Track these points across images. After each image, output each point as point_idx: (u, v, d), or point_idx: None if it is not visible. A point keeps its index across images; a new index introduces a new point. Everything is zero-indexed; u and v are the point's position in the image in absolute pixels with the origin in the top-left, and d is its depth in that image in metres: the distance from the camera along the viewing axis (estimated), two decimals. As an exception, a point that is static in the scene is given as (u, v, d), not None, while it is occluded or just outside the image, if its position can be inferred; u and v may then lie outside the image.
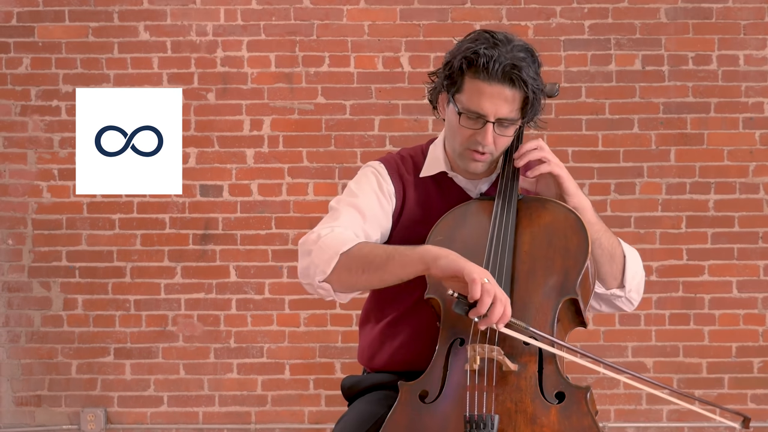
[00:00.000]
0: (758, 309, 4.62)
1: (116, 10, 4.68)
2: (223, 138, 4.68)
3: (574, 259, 2.19)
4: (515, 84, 2.21)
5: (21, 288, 4.68)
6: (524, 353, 2.11)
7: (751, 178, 4.63)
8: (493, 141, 2.26)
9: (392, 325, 2.39)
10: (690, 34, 4.63)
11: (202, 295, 4.67)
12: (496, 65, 2.19)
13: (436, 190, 2.40)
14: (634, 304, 2.45)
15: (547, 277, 2.19)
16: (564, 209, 2.27)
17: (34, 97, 4.68)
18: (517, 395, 2.07)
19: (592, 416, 2.05)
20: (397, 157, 2.46)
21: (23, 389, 4.70)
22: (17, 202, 4.69)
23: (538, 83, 2.24)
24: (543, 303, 2.16)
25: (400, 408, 2.13)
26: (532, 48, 2.26)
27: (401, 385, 2.16)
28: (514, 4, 4.63)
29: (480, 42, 2.23)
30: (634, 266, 2.40)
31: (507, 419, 2.05)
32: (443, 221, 2.30)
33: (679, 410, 4.61)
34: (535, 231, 2.25)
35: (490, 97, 2.22)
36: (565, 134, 4.63)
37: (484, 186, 2.40)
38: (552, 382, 2.09)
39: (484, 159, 2.30)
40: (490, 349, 2.07)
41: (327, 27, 4.67)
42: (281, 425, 4.68)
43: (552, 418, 2.05)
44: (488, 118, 2.23)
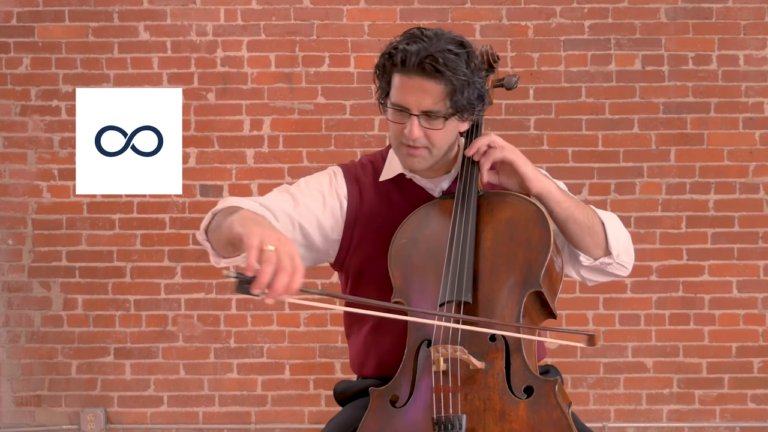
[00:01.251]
0: (758, 309, 4.62)
1: (116, 10, 4.68)
2: (223, 138, 4.68)
3: (537, 251, 2.18)
4: (432, 75, 2.18)
5: (21, 288, 4.68)
6: (490, 350, 2.10)
7: (751, 178, 4.63)
8: (423, 134, 2.23)
9: (374, 333, 2.39)
10: (690, 34, 4.63)
11: (202, 295, 4.68)
12: (413, 58, 2.18)
13: (397, 193, 2.39)
14: (628, 267, 2.41)
15: (510, 273, 2.18)
16: (524, 202, 2.26)
17: (34, 97, 4.68)
18: (485, 393, 2.06)
19: (561, 408, 2.04)
20: (357, 163, 2.46)
21: (23, 389, 4.69)
22: (17, 202, 4.69)
23: (463, 74, 2.20)
24: (507, 298, 2.15)
25: (371, 415, 2.13)
26: (464, 41, 2.25)
27: (372, 391, 2.16)
28: (514, 4, 4.63)
29: (404, 39, 2.24)
30: (616, 230, 2.36)
31: (476, 418, 2.04)
32: (406, 223, 2.30)
33: (679, 410, 4.62)
34: (496, 226, 2.24)
35: (410, 90, 2.21)
36: (565, 134, 4.63)
37: (445, 184, 2.39)
38: (520, 377, 2.08)
39: (419, 154, 2.27)
40: (453, 349, 2.06)
41: (327, 27, 4.67)
42: (281, 425, 4.68)
43: (521, 413, 2.04)
44: (411, 111, 2.22)
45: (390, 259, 2.26)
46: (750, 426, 4.61)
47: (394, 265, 2.25)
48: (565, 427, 2.02)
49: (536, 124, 4.64)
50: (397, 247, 2.26)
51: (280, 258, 1.83)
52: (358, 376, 2.50)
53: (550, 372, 2.36)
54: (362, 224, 2.38)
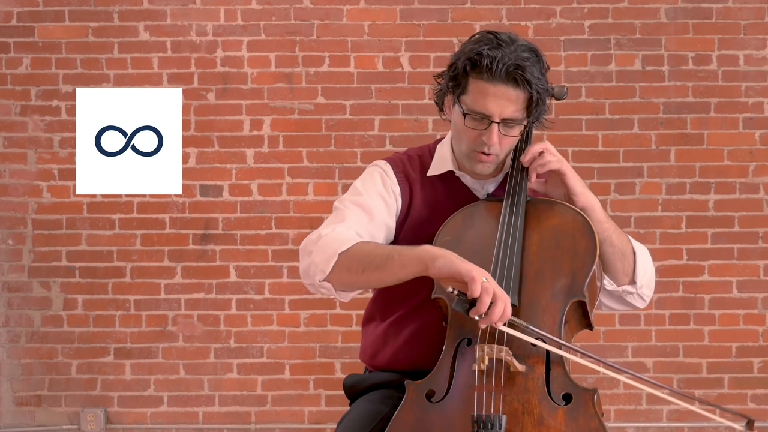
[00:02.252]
0: (758, 309, 4.62)
1: (116, 10, 4.68)
2: (223, 138, 4.68)
3: (582, 261, 2.20)
4: (519, 84, 2.21)
5: (21, 288, 4.68)
6: (532, 354, 2.11)
7: (751, 178, 4.63)
8: (498, 141, 2.26)
9: (397, 324, 2.39)
10: (690, 34, 4.63)
11: (202, 295, 4.68)
12: (500, 66, 2.19)
13: (443, 190, 2.40)
14: (646, 300, 2.44)
15: (555, 279, 2.19)
16: (572, 211, 2.28)
17: (34, 97, 4.68)
18: (524, 396, 2.07)
19: (599, 418, 2.06)
20: (404, 156, 2.46)
21: (23, 389, 4.70)
22: (17, 202, 4.69)
23: (543, 83, 2.25)
24: (551, 304, 2.16)
25: (407, 407, 2.13)
26: (536, 48, 2.27)
27: (408, 384, 2.16)
28: (514, 4, 4.63)
29: (483, 43, 2.23)
30: (645, 262, 2.39)
31: (514, 420, 2.05)
32: (451, 221, 2.30)
33: (679, 410, 4.61)
34: (543, 232, 2.25)
35: (494, 98, 2.22)
36: (565, 134, 4.63)
37: (491, 186, 2.40)
38: (559, 384, 2.09)
39: (490, 160, 2.30)
40: (498, 350, 2.08)
41: (327, 27, 4.67)
42: (281, 425, 4.68)
43: (559, 420, 2.05)
44: (493, 119, 2.24)
45: None
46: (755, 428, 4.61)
47: None
48: None
49: (536, 124, 4.64)
50: (440, 244, 2.25)
51: (496, 289, 2.01)
52: (366, 368, 2.49)
53: None
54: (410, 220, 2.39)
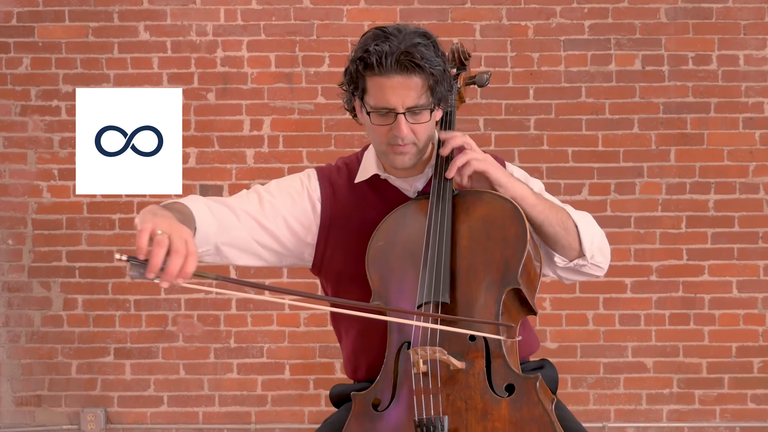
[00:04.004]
0: (758, 309, 4.62)
1: (116, 10, 4.68)
2: (223, 138, 4.68)
3: (514, 248, 2.16)
4: (412, 71, 2.20)
5: (21, 288, 4.68)
6: (470, 350, 2.09)
7: (751, 178, 4.63)
8: (410, 131, 2.25)
9: (361, 337, 2.39)
10: (690, 34, 4.63)
11: (202, 295, 4.68)
12: (389, 58, 2.19)
13: (372, 194, 2.39)
14: (603, 267, 2.38)
15: (487, 271, 2.16)
16: (500, 199, 2.24)
17: (34, 97, 4.68)
18: (466, 393, 2.06)
19: (542, 405, 2.03)
20: (333, 166, 2.46)
21: (23, 389, 4.70)
22: (17, 202, 4.69)
23: (437, 63, 2.22)
24: (486, 297, 2.14)
25: (354, 420, 2.13)
26: (426, 32, 2.26)
27: (354, 396, 2.16)
28: (514, 4, 4.63)
29: (371, 39, 2.24)
30: (590, 231, 2.33)
31: (458, 418, 2.04)
32: (383, 225, 2.29)
33: (679, 410, 4.62)
34: (472, 225, 2.22)
35: (392, 90, 2.21)
36: (565, 134, 4.63)
37: (419, 184, 2.38)
38: (501, 376, 2.07)
39: (407, 150, 2.28)
40: (432, 351, 2.06)
41: (327, 27, 4.67)
42: (281, 425, 4.68)
43: (503, 412, 2.03)
44: (397, 110, 2.23)
45: (368, 262, 2.25)
46: (750, 426, 4.61)
47: (371, 268, 2.24)
48: (547, 423, 2.01)
49: (536, 124, 4.64)
50: (374, 250, 2.25)
51: (173, 241, 1.82)
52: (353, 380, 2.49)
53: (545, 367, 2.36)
54: (337, 227, 2.37)
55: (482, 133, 4.62)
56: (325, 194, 2.39)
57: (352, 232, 2.34)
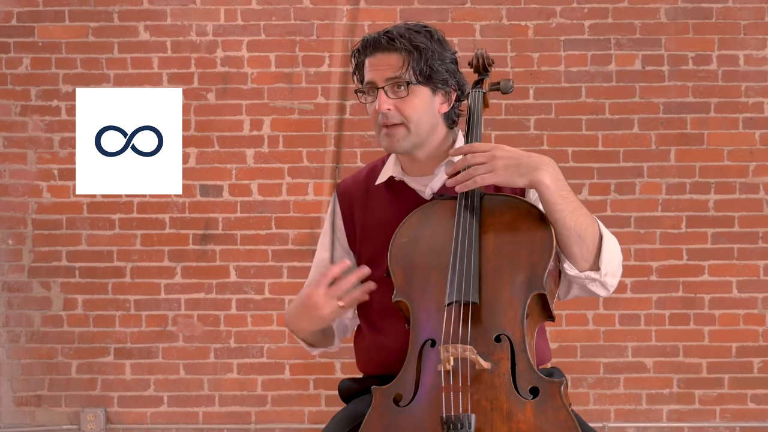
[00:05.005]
0: (758, 309, 4.62)
1: (116, 10, 4.68)
2: (223, 138, 4.68)
3: (540, 254, 2.18)
4: (390, 47, 2.31)
5: (21, 288, 4.68)
6: (496, 351, 2.10)
7: (751, 178, 4.63)
8: (393, 106, 2.31)
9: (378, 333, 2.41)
10: (690, 34, 4.63)
11: (202, 295, 4.68)
12: (371, 40, 2.34)
13: (388, 196, 2.42)
14: (610, 290, 2.34)
15: (514, 275, 2.17)
16: (526, 205, 2.26)
17: (34, 97, 4.68)
18: (491, 393, 2.07)
19: (566, 409, 2.04)
20: (357, 175, 2.54)
21: (23, 389, 4.69)
22: (17, 202, 4.69)
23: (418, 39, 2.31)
24: (512, 300, 2.15)
25: (374, 413, 2.13)
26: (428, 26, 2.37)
27: (374, 389, 2.16)
28: (514, 4, 4.63)
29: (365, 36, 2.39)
30: (611, 250, 2.29)
31: (483, 418, 2.04)
32: (407, 223, 2.30)
33: (679, 410, 4.62)
34: (499, 228, 2.24)
35: (373, 67, 2.34)
36: (565, 134, 4.63)
37: (435, 184, 2.39)
38: (526, 378, 2.08)
39: (396, 132, 2.32)
40: (462, 349, 2.07)
41: (327, 27, 4.67)
42: (281, 425, 4.68)
43: (528, 414, 2.04)
44: (377, 84, 2.32)
45: (390, 258, 2.26)
46: (750, 426, 4.61)
47: (395, 264, 2.25)
48: (572, 427, 2.03)
49: (536, 124, 4.64)
50: (397, 246, 2.26)
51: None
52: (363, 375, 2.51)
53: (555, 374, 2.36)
54: (360, 235, 2.43)
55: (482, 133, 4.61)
56: (345, 212, 2.47)
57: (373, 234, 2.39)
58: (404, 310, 2.22)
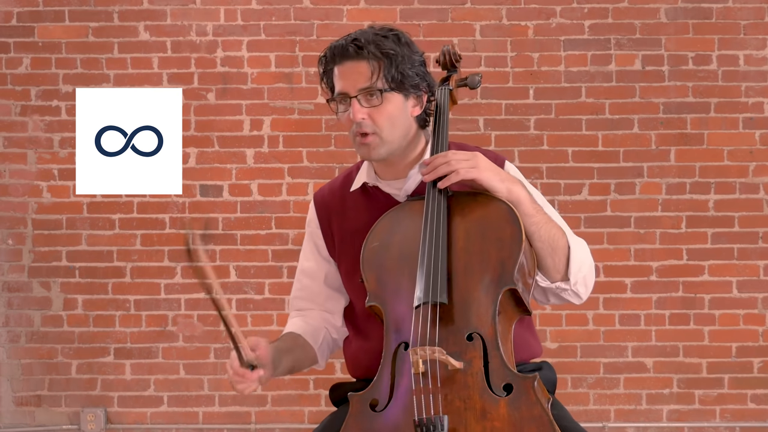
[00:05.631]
0: (758, 309, 4.62)
1: (116, 10, 4.68)
2: (223, 138, 4.68)
3: (509, 249, 2.16)
4: (358, 54, 2.26)
5: (21, 288, 4.68)
6: (468, 349, 2.09)
7: (751, 178, 4.63)
8: (366, 115, 2.27)
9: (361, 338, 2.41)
10: (690, 34, 4.63)
11: (202, 295, 4.67)
12: (338, 48, 2.28)
13: (364, 202, 2.41)
14: (582, 297, 2.34)
15: (484, 271, 2.16)
16: (495, 201, 2.22)
17: (34, 97, 4.68)
18: (465, 393, 2.06)
19: (541, 404, 2.03)
20: (333, 183, 2.51)
21: (23, 389, 4.70)
22: (17, 202, 4.69)
23: (387, 45, 2.27)
24: (483, 297, 2.14)
25: (351, 419, 2.13)
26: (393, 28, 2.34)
27: (351, 396, 2.16)
28: (514, 4, 4.63)
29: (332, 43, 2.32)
30: (581, 258, 2.30)
31: (457, 418, 2.04)
32: (378, 226, 2.29)
33: (679, 410, 4.62)
34: (468, 226, 2.22)
35: (344, 75, 2.28)
36: (565, 134, 4.63)
37: (408, 187, 2.37)
38: (499, 375, 2.07)
39: (369, 141, 2.29)
40: (431, 351, 2.06)
41: (327, 27, 4.67)
42: (281, 425, 4.68)
43: (502, 411, 2.03)
44: (350, 94, 2.27)
45: (363, 264, 2.25)
46: (750, 426, 4.61)
47: (367, 269, 2.24)
48: (546, 423, 2.01)
49: (536, 124, 4.64)
50: (368, 252, 2.25)
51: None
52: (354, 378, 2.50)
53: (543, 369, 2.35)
54: (339, 243, 2.42)
55: (482, 133, 4.62)
56: (322, 220, 2.46)
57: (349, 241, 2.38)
58: (378, 314, 2.22)
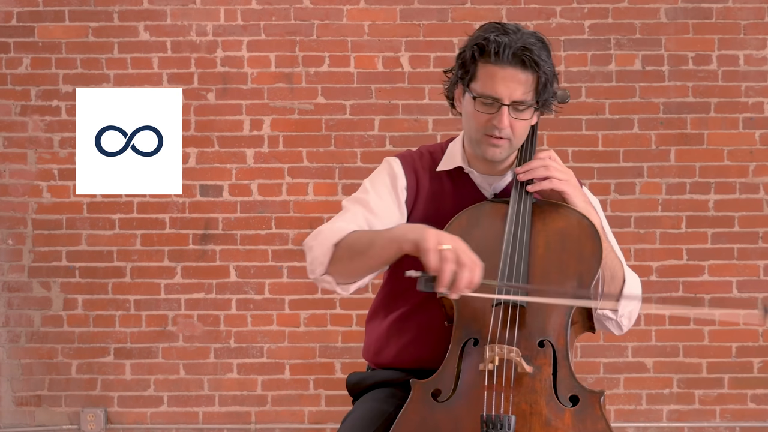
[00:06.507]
0: (758, 309, 4.61)
1: (116, 10, 4.68)
2: (223, 138, 4.68)
3: (588, 264, 2.20)
4: (527, 66, 2.24)
5: (21, 288, 4.68)
6: (539, 355, 2.12)
7: (751, 178, 4.63)
8: (509, 124, 2.27)
9: (401, 321, 2.40)
10: (690, 34, 4.63)
11: (202, 295, 4.68)
12: (507, 49, 2.22)
13: (450, 186, 2.41)
14: (623, 330, 2.41)
15: (562, 281, 2.20)
16: (577, 215, 2.27)
17: (34, 97, 4.68)
18: (532, 397, 2.08)
19: (605, 420, 2.06)
20: (416, 153, 2.47)
21: (23, 389, 4.70)
22: (17, 202, 4.69)
23: (550, 65, 2.27)
24: (558, 307, 2.16)
25: (412, 406, 2.13)
26: (542, 36, 2.30)
27: (413, 382, 2.16)
28: (514, 4, 4.63)
29: (490, 30, 2.27)
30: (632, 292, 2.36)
31: (522, 421, 2.05)
32: (456, 221, 2.30)
33: (679, 410, 4.62)
34: (549, 235, 2.26)
35: (503, 81, 2.25)
36: (565, 134, 4.63)
37: (499, 184, 2.40)
38: (566, 386, 2.10)
39: (501, 144, 2.30)
40: (508, 350, 2.08)
41: (327, 27, 4.67)
42: (281, 425, 4.68)
43: (566, 421, 2.05)
44: (503, 101, 2.26)
45: None
46: (750, 426, 4.61)
47: None
48: None
49: (536, 124, 4.64)
50: None
51: (459, 255, 1.97)
52: (368, 366, 2.49)
53: None
54: (416, 214, 2.40)
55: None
56: (410, 184, 2.41)
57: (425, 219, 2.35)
58: (447, 307, 2.22)
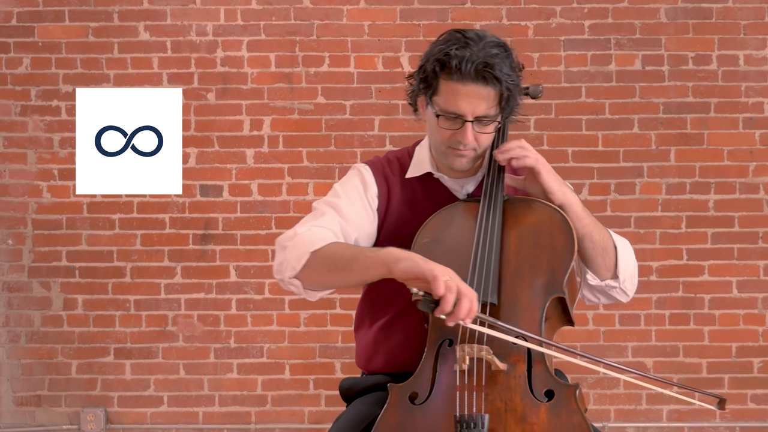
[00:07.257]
0: (758, 309, 4.62)
1: (116, 10, 4.68)
2: (223, 138, 4.68)
3: (561, 257, 2.20)
4: (489, 82, 2.22)
5: (21, 288, 4.68)
6: (513, 352, 2.12)
7: (751, 178, 4.63)
8: (474, 139, 2.27)
9: (386, 328, 2.41)
10: (690, 34, 4.63)
11: (202, 295, 4.68)
12: (469, 65, 2.20)
13: (422, 191, 2.41)
14: (629, 295, 2.46)
15: (534, 277, 2.20)
16: (549, 209, 2.28)
17: (34, 97, 4.68)
18: (506, 394, 2.08)
19: (581, 413, 2.06)
20: (384, 159, 2.47)
21: (23, 389, 4.70)
22: (17, 202, 4.69)
23: (513, 78, 2.26)
24: (531, 302, 2.17)
25: (390, 410, 2.14)
26: (505, 44, 2.27)
27: (391, 387, 2.17)
28: (514, 4, 4.63)
29: (451, 43, 2.23)
30: (626, 256, 2.41)
31: (497, 418, 2.06)
32: (430, 223, 2.31)
33: (679, 410, 4.62)
34: (521, 231, 2.26)
35: (465, 97, 2.23)
36: (565, 134, 4.63)
37: (470, 186, 2.41)
38: (541, 381, 2.10)
39: (467, 154, 2.31)
40: (479, 349, 2.08)
41: (327, 27, 4.67)
42: (281, 425, 4.68)
43: (542, 417, 2.05)
44: (466, 118, 2.25)
45: None
46: (750, 426, 4.61)
47: None
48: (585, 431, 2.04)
49: (536, 124, 4.64)
50: (419, 246, 2.27)
51: (460, 287, 2.00)
52: (363, 372, 2.50)
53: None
54: (389, 222, 2.40)
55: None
56: (382, 191, 2.40)
57: (400, 226, 2.37)
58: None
